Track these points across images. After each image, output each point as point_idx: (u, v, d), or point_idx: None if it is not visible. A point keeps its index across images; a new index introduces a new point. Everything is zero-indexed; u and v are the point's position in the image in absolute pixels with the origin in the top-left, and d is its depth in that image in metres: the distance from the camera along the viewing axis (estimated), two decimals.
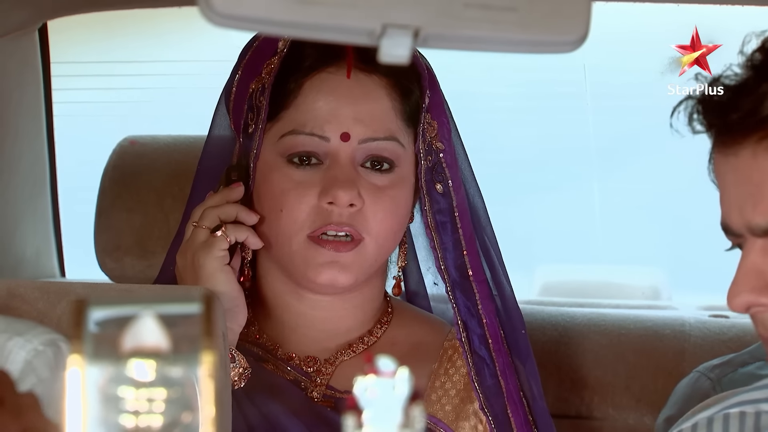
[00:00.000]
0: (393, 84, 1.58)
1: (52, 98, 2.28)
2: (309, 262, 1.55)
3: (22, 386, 1.25)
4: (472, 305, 1.63)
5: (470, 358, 1.62)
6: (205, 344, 0.76)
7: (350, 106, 1.56)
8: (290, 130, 1.57)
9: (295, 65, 1.57)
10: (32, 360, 1.28)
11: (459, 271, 1.64)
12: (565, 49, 0.85)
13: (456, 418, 1.62)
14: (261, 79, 1.59)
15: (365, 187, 1.56)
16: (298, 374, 1.62)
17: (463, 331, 1.63)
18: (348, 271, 1.56)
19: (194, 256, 1.55)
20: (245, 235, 1.56)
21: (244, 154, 1.61)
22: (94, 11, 2.25)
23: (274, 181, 1.57)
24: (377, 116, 1.57)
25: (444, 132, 1.62)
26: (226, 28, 0.84)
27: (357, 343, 1.64)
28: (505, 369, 1.62)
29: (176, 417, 0.76)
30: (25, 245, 2.23)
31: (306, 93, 1.57)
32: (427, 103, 1.60)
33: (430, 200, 1.63)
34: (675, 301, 2.53)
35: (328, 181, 1.55)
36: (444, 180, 1.63)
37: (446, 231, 1.64)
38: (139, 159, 2.05)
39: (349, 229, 1.55)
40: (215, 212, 1.56)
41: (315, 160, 1.56)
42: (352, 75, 1.56)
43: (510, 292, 1.66)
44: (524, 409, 1.63)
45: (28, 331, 1.31)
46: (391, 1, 0.82)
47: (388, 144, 1.57)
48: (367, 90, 1.57)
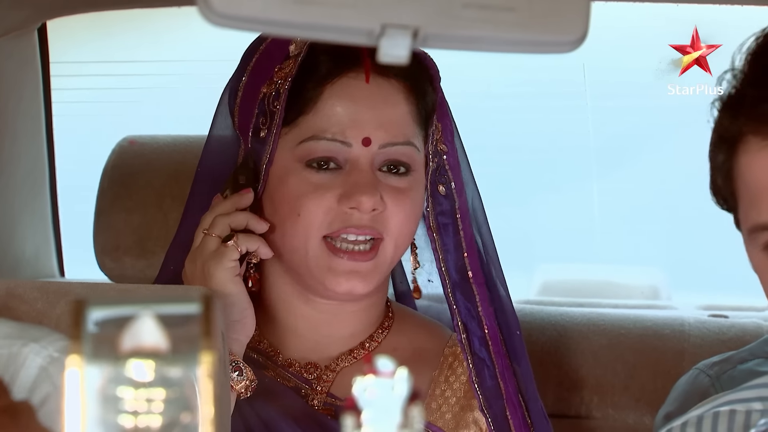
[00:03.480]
0: (410, 88, 1.58)
1: (51, 98, 2.28)
2: (327, 270, 1.55)
3: (37, 393, 1.25)
4: (473, 307, 1.63)
5: (470, 359, 1.62)
6: (205, 344, 0.76)
7: (371, 111, 1.56)
8: (310, 135, 1.56)
9: (312, 70, 1.57)
10: (48, 366, 1.28)
11: (459, 273, 1.64)
12: (564, 49, 0.85)
13: (456, 426, 1.62)
14: (273, 83, 1.58)
15: (386, 191, 1.56)
16: (298, 381, 1.62)
17: (463, 333, 1.63)
18: (367, 279, 1.56)
19: (204, 264, 1.54)
20: (257, 245, 1.55)
21: (252, 157, 1.60)
22: (93, 11, 2.25)
23: (291, 185, 1.56)
24: (396, 121, 1.57)
25: (447, 134, 1.63)
26: (225, 28, 0.84)
27: (358, 349, 1.64)
28: (504, 371, 1.63)
29: (175, 417, 0.76)
30: (24, 245, 2.23)
31: (326, 99, 1.56)
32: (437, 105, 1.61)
33: (433, 202, 1.64)
34: (674, 301, 2.53)
35: (350, 186, 1.54)
36: (447, 182, 1.63)
37: (448, 233, 1.64)
38: (139, 159, 2.04)
39: (370, 231, 1.55)
40: (226, 221, 1.55)
41: (333, 164, 1.56)
42: (371, 80, 1.56)
43: (505, 294, 1.66)
44: (522, 411, 1.63)
45: (43, 337, 1.31)
46: (391, 1, 0.82)
47: (406, 149, 1.57)
48: (386, 95, 1.57)
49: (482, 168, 1.74)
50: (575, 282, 2.74)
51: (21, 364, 1.28)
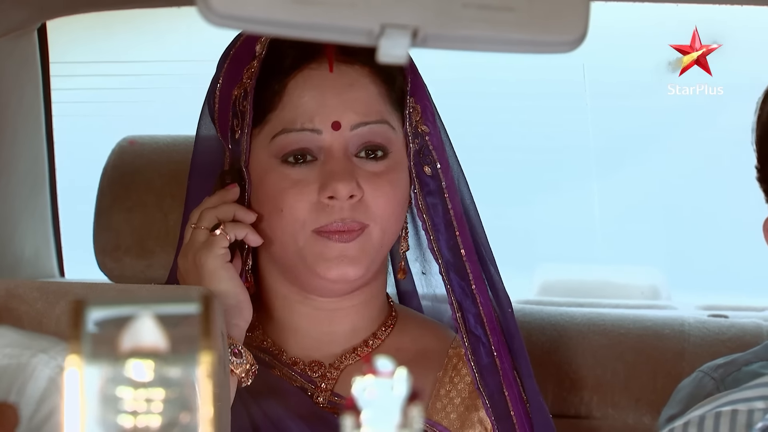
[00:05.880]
0: (376, 71, 1.58)
1: (51, 98, 2.28)
2: (317, 258, 1.55)
3: (46, 404, 1.25)
4: (466, 285, 1.64)
5: (466, 337, 1.63)
6: (204, 344, 0.76)
7: (337, 96, 1.56)
8: (280, 129, 1.57)
9: (276, 66, 1.57)
10: (56, 377, 1.28)
11: (452, 252, 1.64)
12: (563, 49, 0.85)
13: (461, 426, 1.62)
14: (243, 84, 1.59)
15: (363, 176, 1.56)
16: (303, 380, 1.62)
17: (457, 311, 1.63)
18: (356, 262, 1.56)
19: (195, 256, 1.55)
20: (245, 233, 1.56)
21: (235, 159, 1.61)
22: (93, 11, 2.25)
23: (271, 182, 1.57)
24: (365, 101, 1.57)
25: (428, 115, 1.63)
26: (225, 28, 0.84)
27: (362, 347, 1.64)
28: (500, 348, 1.63)
29: (175, 417, 0.76)
30: (24, 245, 2.24)
31: (291, 92, 1.56)
32: (409, 87, 1.61)
33: (419, 183, 1.63)
34: (674, 301, 2.53)
35: (326, 176, 1.55)
36: (432, 162, 1.63)
37: (437, 212, 1.64)
38: (139, 159, 2.05)
39: (353, 223, 1.55)
40: (213, 213, 1.56)
41: (309, 157, 1.56)
42: (334, 68, 1.56)
43: (495, 272, 1.66)
44: (518, 387, 1.63)
45: (52, 347, 1.31)
46: (390, 1, 0.82)
47: (380, 127, 1.58)
48: (352, 80, 1.57)
49: (482, 168, 1.74)
50: (575, 282, 2.74)
51: (30, 375, 1.27)
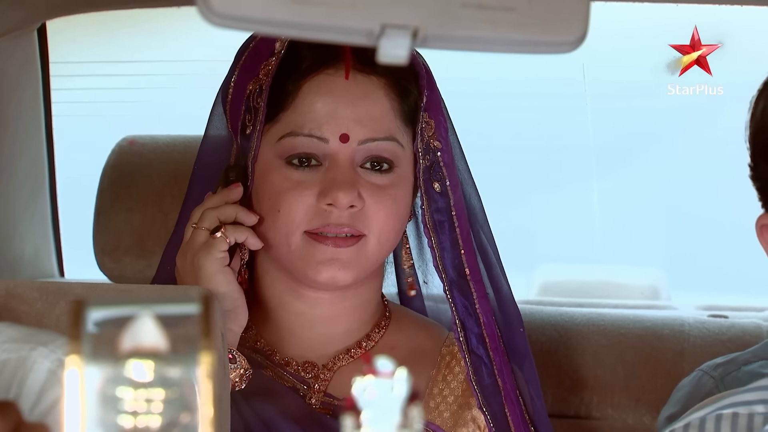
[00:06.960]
0: (391, 84, 1.58)
1: (51, 98, 2.28)
2: (309, 259, 1.55)
3: (46, 397, 1.25)
4: (470, 304, 1.63)
5: (468, 357, 1.62)
6: (204, 345, 0.76)
7: (349, 107, 1.56)
8: (288, 131, 1.57)
9: (293, 66, 1.57)
10: (56, 370, 1.28)
11: (456, 271, 1.64)
12: (563, 50, 0.85)
13: (454, 425, 1.62)
14: (258, 80, 1.59)
15: (365, 187, 1.56)
16: (296, 381, 1.62)
17: (461, 330, 1.63)
18: (348, 268, 1.55)
19: (194, 257, 1.54)
20: (245, 236, 1.56)
21: (241, 154, 1.61)
22: (93, 11, 2.25)
23: (273, 181, 1.57)
24: (376, 117, 1.56)
25: (441, 131, 1.62)
26: (224, 28, 0.84)
27: (355, 348, 1.64)
28: (502, 368, 1.63)
29: (175, 417, 0.76)
30: (23, 245, 2.24)
31: (304, 95, 1.56)
32: (425, 102, 1.60)
33: (428, 199, 1.63)
34: (674, 301, 2.53)
35: (328, 183, 1.54)
36: (442, 179, 1.63)
37: (444, 230, 1.64)
38: (138, 159, 2.05)
39: (349, 229, 1.55)
40: (214, 213, 1.56)
41: (314, 161, 1.56)
42: (350, 76, 1.56)
43: (507, 290, 1.66)
44: (521, 408, 1.63)
45: (51, 341, 1.31)
46: (390, 2, 0.82)
47: (388, 144, 1.57)
48: (366, 91, 1.57)
49: (482, 168, 1.74)
50: (575, 282, 2.74)
51: (29, 368, 1.27)
